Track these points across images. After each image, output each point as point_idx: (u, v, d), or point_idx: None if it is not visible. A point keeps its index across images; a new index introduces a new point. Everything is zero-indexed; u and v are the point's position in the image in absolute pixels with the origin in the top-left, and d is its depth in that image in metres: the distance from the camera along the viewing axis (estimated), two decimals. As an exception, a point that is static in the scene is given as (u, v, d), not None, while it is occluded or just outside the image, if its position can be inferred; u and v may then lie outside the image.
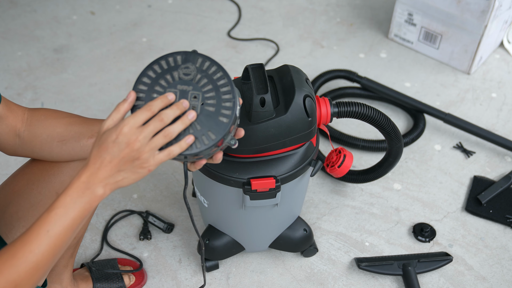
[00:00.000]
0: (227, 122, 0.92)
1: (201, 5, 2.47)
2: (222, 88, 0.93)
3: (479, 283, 1.53)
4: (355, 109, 1.31)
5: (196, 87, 0.93)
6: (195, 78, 0.93)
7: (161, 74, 0.93)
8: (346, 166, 1.40)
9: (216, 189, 1.30)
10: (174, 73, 0.93)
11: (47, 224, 0.84)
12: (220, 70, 0.94)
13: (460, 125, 1.87)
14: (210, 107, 0.92)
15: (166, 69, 0.93)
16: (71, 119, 1.09)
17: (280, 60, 2.20)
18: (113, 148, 0.86)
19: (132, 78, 2.10)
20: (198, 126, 0.91)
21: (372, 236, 1.63)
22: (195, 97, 0.92)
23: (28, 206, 1.10)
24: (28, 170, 1.14)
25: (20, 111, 1.07)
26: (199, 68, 0.94)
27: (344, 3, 2.51)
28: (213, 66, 0.94)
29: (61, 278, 1.33)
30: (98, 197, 0.87)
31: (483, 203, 1.69)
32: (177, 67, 0.94)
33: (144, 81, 0.93)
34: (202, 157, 0.96)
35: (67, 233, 0.85)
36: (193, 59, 0.94)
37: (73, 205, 0.85)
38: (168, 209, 1.68)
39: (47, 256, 0.84)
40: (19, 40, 2.26)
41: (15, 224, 1.09)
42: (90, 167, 0.87)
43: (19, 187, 1.11)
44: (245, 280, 1.52)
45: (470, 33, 2.04)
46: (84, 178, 0.86)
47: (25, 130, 1.07)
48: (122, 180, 0.88)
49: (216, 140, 0.92)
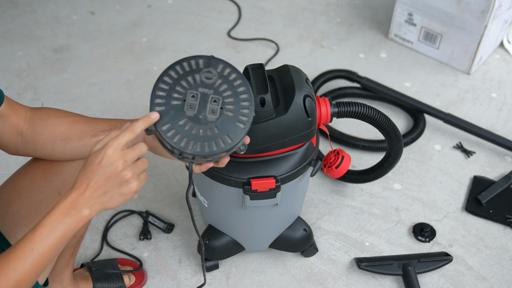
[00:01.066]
0: (243, 128, 0.94)
1: (201, 5, 2.47)
2: (241, 95, 0.96)
3: (479, 283, 1.53)
4: (355, 109, 1.31)
5: (217, 91, 0.95)
6: (216, 82, 0.96)
7: (183, 75, 0.95)
8: (343, 168, 1.40)
9: (216, 189, 1.30)
10: (196, 75, 0.95)
11: (32, 243, 0.84)
12: (240, 78, 0.97)
13: (460, 125, 1.87)
14: (229, 112, 0.94)
15: (188, 70, 0.96)
16: (74, 118, 1.09)
17: (280, 60, 2.20)
18: (98, 170, 0.87)
19: (132, 78, 2.10)
20: (216, 129, 0.93)
21: (372, 236, 1.63)
22: (215, 101, 0.94)
23: (30, 205, 1.10)
24: (30, 169, 1.14)
25: (23, 110, 1.08)
26: (220, 73, 0.96)
27: (344, 3, 2.51)
28: (233, 73, 0.97)
29: (61, 277, 1.33)
30: (84, 218, 0.88)
31: (483, 203, 1.69)
32: (199, 70, 0.96)
33: (166, 80, 0.95)
34: (210, 160, 0.98)
35: (51, 252, 0.86)
36: (215, 64, 0.97)
37: (59, 225, 0.86)
38: (168, 209, 1.68)
39: (29, 274, 0.85)
40: (19, 40, 2.26)
41: (18, 223, 1.09)
42: (77, 189, 0.88)
43: (21, 186, 1.12)
44: (245, 280, 1.52)
45: (470, 33, 2.04)
46: (71, 199, 0.87)
47: (28, 129, 1.07)
48: (108, 202, 0.89)
49: (232, 144, 0.94)
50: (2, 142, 1.07)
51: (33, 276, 0.86)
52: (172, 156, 1.00)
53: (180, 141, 0.92)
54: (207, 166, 1.01)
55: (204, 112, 0.94)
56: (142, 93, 2.04)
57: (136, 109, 1.98)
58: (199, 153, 0.92)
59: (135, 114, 1.96)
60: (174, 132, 0.92)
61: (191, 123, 0.93)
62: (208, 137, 0.93)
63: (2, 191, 1.13)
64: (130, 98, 2.03)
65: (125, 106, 1.99)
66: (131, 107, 1.99)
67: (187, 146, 0.92)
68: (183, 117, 0.93)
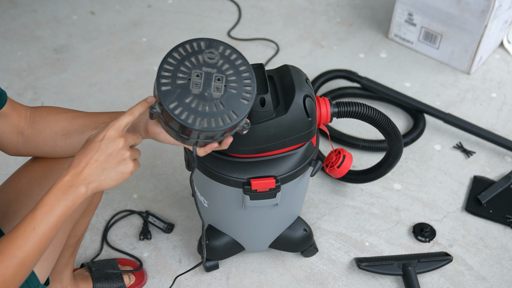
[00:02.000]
0: (247, 104, 0.98)
1: (201, 5, 2.48)
2: (243, 73, 1.00)
3: (479, 283, 1.53)
4: (355, 109, 1.31)
5: (220, 70, 0.99)
6: (218, 62, 0.99)
7: (186, 56, 0.99)
8: (345, 167, 1.40)
9: (216, 189, 1.30)
10: (199, 56, 0.99)
11: (34, 221, 0.87)
12: (240, 57, 1.01)
13: (460, 125, 1.87)
14: (233, 89, 0.98)
15: (191, 52, 0.99)
16: (74, 113, 1.11)
17: (280, 60, 2.20)
18: (100, 146, 0.91)
19: (132, 78, 2.11)
20: (221, 106, 0.97)
21: (372, 236, 1.63)
22: (219, 79, 0.98)
23: (30, 203, 1.10)
24: (30, 168, 1.15)
25: (23, 109, 1.09)
26: (222, 54, 1.00)
27: (344, 3, 2.51)
28: (234, 53, 1.01)
29: (61, 277, 1.33)
30: (81, 195, 0.91)
31: (483, 203, 1.69)
32: (202, 51, 1.00)
33: (170, 61, 0.98)
34: (215, 139, 1.01)
35: (52, 230, 0.89)
36: (216, 45, 1.01)
37: (58, 203, 0.88)
38: (168, 209, 1.68)
39: (33, 253, 0.87)
40: (19, 40, 2.26)
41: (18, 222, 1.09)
42: (75, 167, 0.91)
43: (21, 185, 1.12)
44: (245, 280, 1.52)
45: (470, 33, 2.04)
46: (68, 177, 0.90)
47: (28, 128, 1.08)
48: (105, 180, 0.92)
49: (238, 119, 0.97)
50: (3, 142, 1.08)
51: (37, 255, 0.88)
52: (176, 139, 1.02)
53: (187, 118, 0.95)
54: (212, 147, 1.04)
55: (209, 89, 0.97)
56: (142, 93, 2.04)
57: (136, 109, 1.98)
58: (207, 129, 0.95)
59: (135, 114, 1.96)
60: (182, 110, 0.95)
61: (198, 101, 0.96)
62: (215, 113, 0.96)
63: (2, 191, 1.14)
64: (130, 98, 2.03)
65: (125, 106, 2.00)
66: (131, 107, 1.99)
67: (195, 122, 0.95)
68: (189, 95, 0.96)
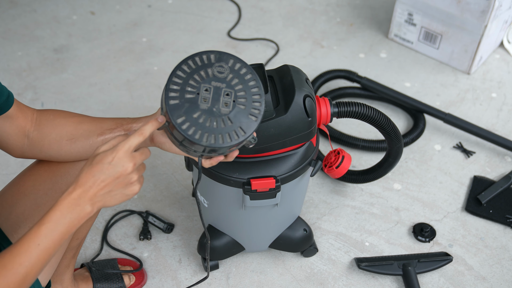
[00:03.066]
0: (256, 120, 0.97)
1: (201, 5, 2.47)
2: (252, 88, 0.98)
3: (479, 283, 1.53)
4: (355, 109, 1.31)
5: (229, 85, 0.98)
6: (227, 76, 0.98)
7: (196, 69, 0.98)
8: (344, 168, 1.40)
9: (216, 189, 1.30)
10: (208, 69, 0.98)
11: (38, 238, 0.86)
12: (250, 72, 0.99)
13: (460, 125, 1.87)
14: (241, 105, 0.97)
15: (201, 65, 0.98)
16: (80, 118, 1.10)
17: (280, 60, 2.20)
18: (108, 169, 0.89)
19: (132, 78, 2.11)
20: (229, 122, 0.96)
21: (372, 236, 1.63)
22: (227, 94, 0.97)
23: (34, 206, 1.10)
24: (35, 171, 1.14)
25: (30, 112, 1.08)
26: (231, 68, 0.99)
27: (344, 3, 2.51)
28: (243, 67, 0.99)
29: (62, 278, 1.33)
30: (87, 214, 0.90)
31: (483, 203, 1.69)
32: (211, 65, 0.98)
33: (179, 74, 0.97)
34: (221, 153, 1.00)
35: (55, 246, 0.88)
36: (226, 59, 0.99)
37: (63, 220, 0.87)
38: (168, 209, 1.68)
39: (35, 268, 0.87)
40: (19, 40, 2.26)
41: (21, 225, 1.09)
42: (82, 185, 0.89)
43: (25, 188, 1.12)
44: (245, 280, 1.52)
45: (470, 33, 2.04)
46: (75, 195, 0.89)
47: (34, 131, 1.08)
48: (111, 200, 0.92)
49: (245, 136, 0.96)
50: (9, 144, 1.07)
51: (39, 270, 0.88)
52: (182, 151, 1.02)
53: (195, 133, 0.94)
54: (218, 159, 1.03)
55: (218, 105, 0.96)
56: (142, 93, 2.04)
57: (136, 109, 1.98)
58: (214, 145, 0.94)
59: (135, 114, 1.96)
60: (189, 125, 0.94)
61: (205, 116, 0.95)
62: (222, 129, 0.95)
63: (6, 192, 1.13)
64: (130, 98, 2.03)
65: (125, 106, 1.99)
66: (131, 107, 1.99)
67: (202, 138, 0.94)
68: (197, 110, 0.95)
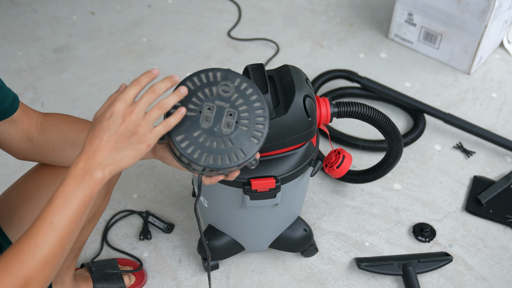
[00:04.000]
0: (257, 143, 0.94)
1: (201, 5, 2.48)
2: (256, 110, 0.96)
3: (479, 283, 1.53)
4: (355, 109, 1.31)
5: (233, 105, 0.95)
6: (232, 96, 0.95)
7: (200, 87, 0.95)
8: (344, 167, 1.40)
9: (216, 189, 1.30)
10: (213, 88, 0.95)
11: (50, 216, 0.81)
12: (256, 93, 0.96)
13: (460, 125, 1.87)
14: (244, 126, 0.94)
15: (206, 83, 0.95)
16: (84, 125, 1.09)
17: (280, 60, 2.20)
18: (109, 125, 0.84)
19: (132, 78, 2.10)
20: (230, 143, 0.93)
21: (372, 236, 1.63)
22: (230, 115, 0.94)
23: (37, 210, 1.09)
24: (39, 174, 1.13)
25: (34, 115, 1.07)
26: (237, 87, 0.96)
27: (344, 3, 2.51)
28: (250, 88, 0.97)
29: (63, 279, 1.33)
30: (98, 181, 0.84)
31: (483, 203, 1.69)
32: (217, 83, 0.96)
33: None
34: (221, 173, 0.97)
35: (72, 223, 0.83)
36: (232, 78, 0.97)
37: (74, 193, 0.82)
38: (168, 209, 1.68)
39: (54, 249, 0.82)
40: (19, 40, 2.26)
41: (24, 228, 1.09)
42: (86, 152, 0.84)
43: (28, 191, 1.11)
44: (245, 280, 1.52)
45: (470, 33, 2.04)
46: (82, 163, 0.83)
47: (38, 135, 1.07)
48: (122, 160, 0.85)
49: (245, 158, 0.93)
50: (13, 147, 1.06)
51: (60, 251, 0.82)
52: (182, 167, 0.99)
53: (193, 152, 0.92)
54: (218, 178, 0.99)
55: (219, 125, 0.93)
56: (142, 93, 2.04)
57: (136, 109, 1.98)
58: (211, 166, 0.92)
59: (135, 114, 1.96)
60: (188, 143, 0.92)
61: (206, 135, 0.92)
62: (222, 150, 0.93)
63: (9, 195, 1.13)
64: (130, 98, 2.03)
65: (125, 106, 1.99)
66: (131, 107, 1.99)
67: (200, 158, 0.92)
68: (198, 129, 0.92)
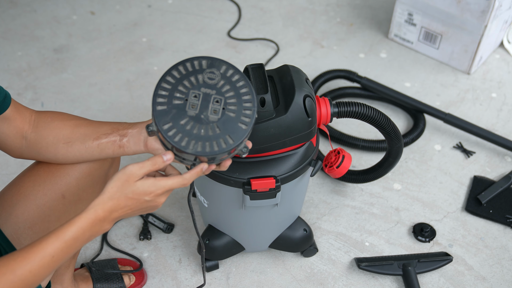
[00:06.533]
0: (245, 129, 0.94)
1: (201, 5, 2.48)
2: (244, 96, 0.96)
3: (479, 283, 1.53)
4: (355, 109, 1.31)
5: (219, 91, 0.95)
6: (218, 83, 0.96)
7: (186, 75, 0.95)
8: (344, 167, 1.40)
9: (216, 189, 1.30)
10: (198, 76, 0.95)
11: (55, 252, 0.87)
12: (242, 79, 0.97)
13: (460, 125, 1.87)
14: (231, 112, 0.94)
15: (191, 71, 0.96)
16: (77, 121, 1.10)
17: (280, 60, 2.20)
18: (143, 204, 0.93)
19: (132, 78, 2.10)
20: (217, 129, 0.93)
21: (372, 236, 1.63)
22: (217, 101, 0.94)
23: (34, 207, 1.10)
24: (34, 171, 1.14)
25: (28, 113, 1.08)
26: (223, 74, 0.96)
27: (344, 3, 2.51)
28: (236, 74, 0.97)
29: (62, 279, 1.33)
30: (104, 231, 0.93)
31: (483, 203, 1.69)
32: (202, 71, 0.96)
33: (169, 80, 0.95)
34: (212, 162, 0.98)
35: (67, 258, 0.90)
36: (218, 65, 0.97)
37: (82, 237, 0.89)
38: (168, 209, 1.68)
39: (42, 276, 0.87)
40: (19, 40, 2.26)
41: (21, 225, 1.09)
42: (110, 211, 0.91)
43: (25, 189, 1.12)
44: (245, 280, 1.52)
45: (470, 33, 2.04)
46: (102, 217, 0.91)
47: (32, 132, 1.07)
48: (129, 216, 0.97)
49: (234, 144, 0.93)
50: (7, 145, 1.07)
51: (44, 277, 0.88)
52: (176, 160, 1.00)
53: (181, 140, 0.92)
54: (209, 168, 1.00)
55: (206, 112, 0.94)
56: (142, 93, 2.04)
57: (136, 109, 1.98)
58: (200, 153, 0.92)
59: (135, 114, 1.96)
60: (175, 131, 0.92)
61: (193, 123, 0.93)
62: (210, 137, 0.92)
63: (5, 194, 1.13)
64: (130, 98, 2.03)
65: (125, 106, 1.99)
66: (131, 107, 1.99)
67: (188, 145, 0.92)
68: (184, 117, 0.93)
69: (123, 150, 1.05)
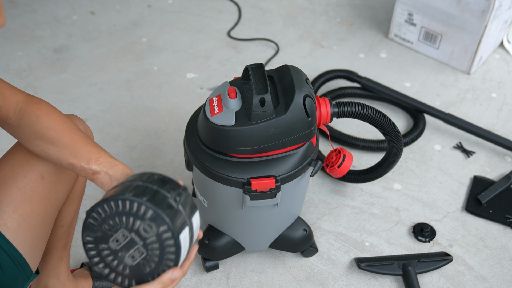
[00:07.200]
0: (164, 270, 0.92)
1: (201, 5, 2.48)
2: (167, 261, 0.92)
3: (479, 283, 1.53)
4: (355, 109, 1.31)
5: (146, 247, 0.91)
6: (150, 238, 0.90)
7: (127, 212, 0.89)
8: (345, 167, 1.40)
9: (216, 189, 1.30)
10: (137, 221, 0.90)
11: None
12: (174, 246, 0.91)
13: (460, 125, 1.87)
14: (146, 267, 0.92)
15: (134, 212, 0.89)
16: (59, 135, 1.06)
17: (280, 60, 2.20)
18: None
19: (132, 78, 2.10)
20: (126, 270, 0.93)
21: (372, 236, 1.63)
22: (139, 252, 0.91)
23: (15, 190, 1.10)
24: (12, 155, 1.15)
25: (14, 100, 1.07)
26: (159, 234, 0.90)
27: (344, 3, 2.51)
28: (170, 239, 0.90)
29: (57, 272, 1.32)
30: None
31: (483, 203, 1.69)
32: (143, 219, 0.89)
33: (111, 204, 0.89)
34: None
35: None
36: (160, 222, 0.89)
37: None
38: (168, 209, 1.68)
39: None
40: (19, 40, 2.26)
41: (5, 210, 1.09)
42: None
43: (4, 173, 1.12)
44: (245, 280, 1.52)
45: (470, 33, 2.04)
46: None
47: (14, 123, 1.07)
48: None
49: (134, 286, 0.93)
50: None
51: None
52: None
53: (94, 256, 0.92)
54: None
55: (125, 253, 0.91)
56: (142, 93, 2.04)
57: (136, 109, 1.98)
58: (105, 277, 0.94)
59: (135, 114, 1.96)
60: (93, 247, 0.92)
61: (109, 252, 0.92)
62: (118, 271, 0.93)
63: None
64: (130, 98, 2.03)
65: (125, 106, 1.99)
66: (131, 107, 1.99)
67: (99, 264, 0.93)
68: (105, 243, 0.91)
69: (92, 181, 1.05)
